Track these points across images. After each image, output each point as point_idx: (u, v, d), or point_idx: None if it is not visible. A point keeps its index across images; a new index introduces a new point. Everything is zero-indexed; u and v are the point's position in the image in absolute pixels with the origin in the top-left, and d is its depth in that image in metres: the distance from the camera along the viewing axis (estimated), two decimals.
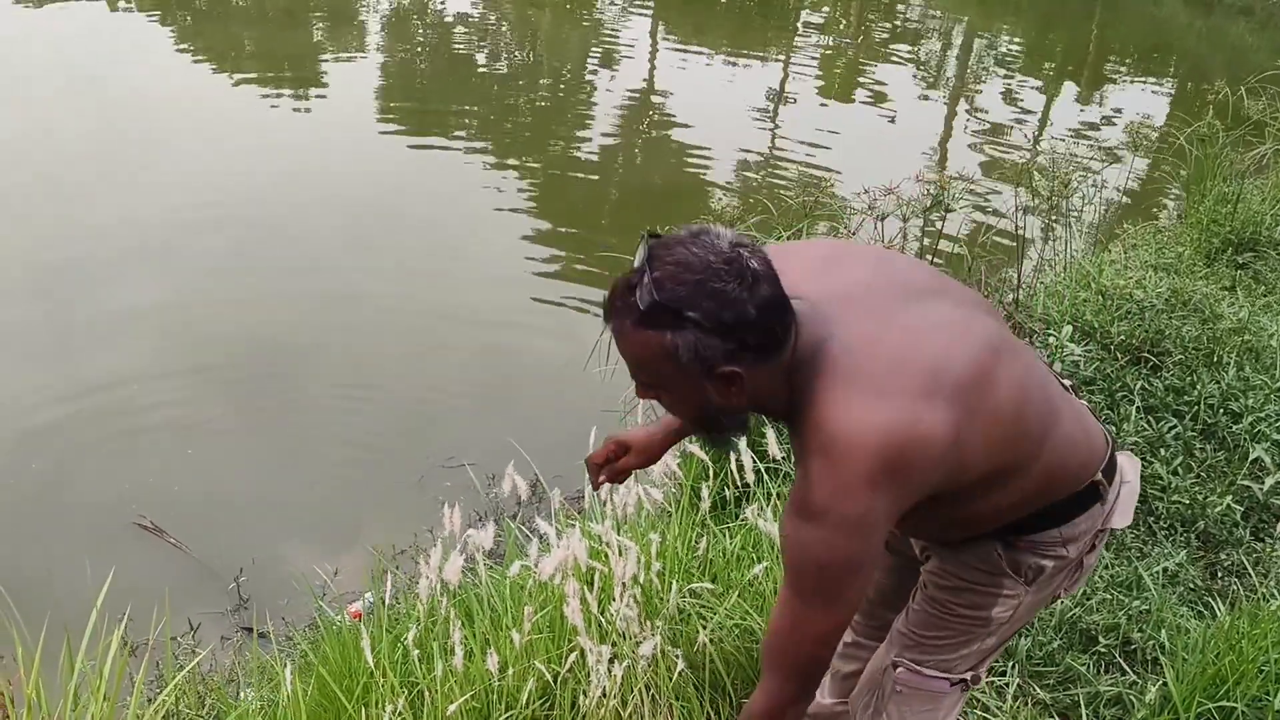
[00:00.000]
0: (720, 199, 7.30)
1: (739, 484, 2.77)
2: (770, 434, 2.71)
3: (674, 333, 1.42)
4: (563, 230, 6.78)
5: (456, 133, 8.33)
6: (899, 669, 1.87)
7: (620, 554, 2.45)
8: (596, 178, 7.82)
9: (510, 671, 2.41)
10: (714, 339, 1.42)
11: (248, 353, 5.17)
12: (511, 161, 7.77)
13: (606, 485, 2.10)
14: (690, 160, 7.99)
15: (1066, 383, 1.81)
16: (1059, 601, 1.93)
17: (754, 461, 2.76)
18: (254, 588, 3.75)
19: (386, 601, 2.67)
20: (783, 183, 7.33)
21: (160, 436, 4.52)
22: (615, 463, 1.99)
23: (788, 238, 4.44)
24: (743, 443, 2.63)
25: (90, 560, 3.08)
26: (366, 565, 3.64)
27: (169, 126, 7.84)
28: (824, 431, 1.46)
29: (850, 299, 1.56)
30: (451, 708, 2.28)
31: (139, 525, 3.96)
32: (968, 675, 1.87)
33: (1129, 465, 1.80)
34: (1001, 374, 1.56)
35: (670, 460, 2.86)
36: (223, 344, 5.22)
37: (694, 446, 2.88)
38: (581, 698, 2.41)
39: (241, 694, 2.85)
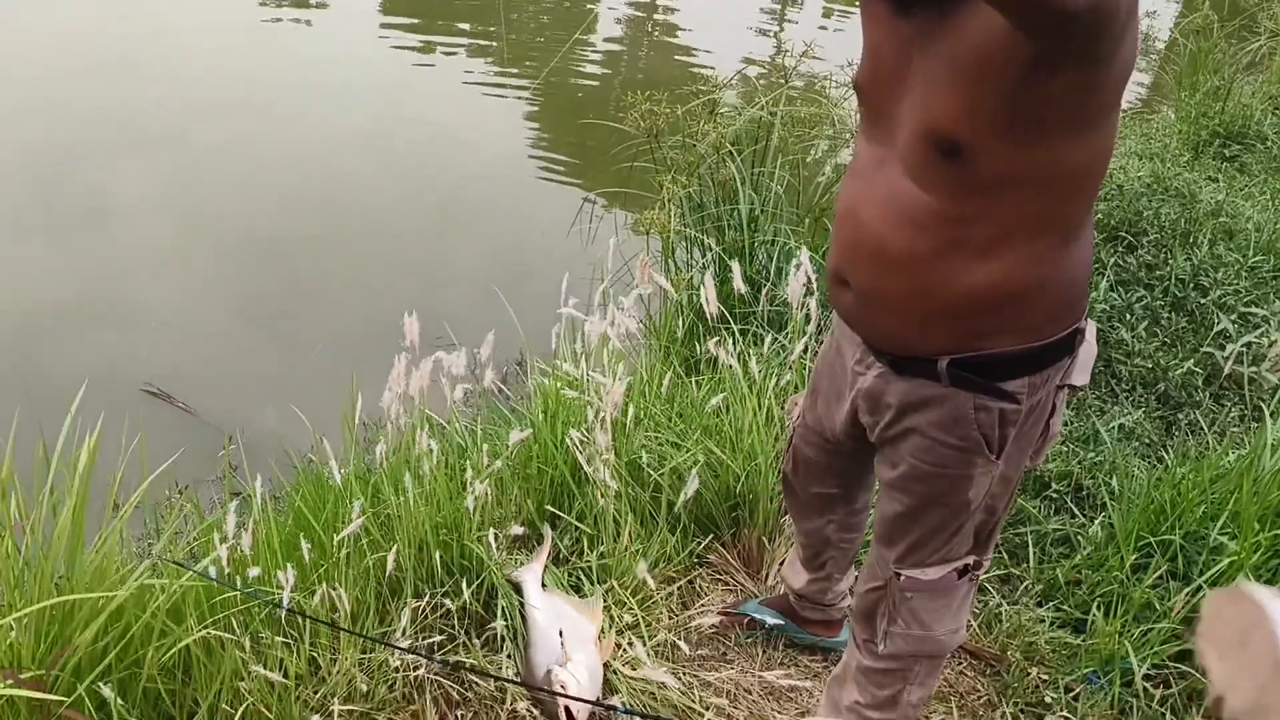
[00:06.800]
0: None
1: (709, 319, 2.73)
2: (736, 267, 2.71)
3: None
4: (570, 140, 6.81)
5: (459, 39, 8.30)
6: (901, 578, 1.86)
7: (594, 390, 2.54)
8: (598, 84, 7.83)
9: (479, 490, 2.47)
10: None
11: (249, 238, 5.26)
12: (513, 68, 7.75)
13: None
14: (693, 63, 7.96)
15: None
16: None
17: (719, 309, 2.77)
18: (243, 457, 3.85)
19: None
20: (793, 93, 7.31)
21: (161, 316, 4.62)
22: None
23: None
24: (708, 276, 2.67)
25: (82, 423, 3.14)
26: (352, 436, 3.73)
27: (170, 18, 7.85)
28: None
29: None
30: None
31: (146, 391, 4.09)
32: (970, 559, 1.85)
33: (1089, 328, 1.80)
34: None
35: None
36: (225, 230, 5.31)
37: (661, 278, 2.90)
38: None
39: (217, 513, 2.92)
